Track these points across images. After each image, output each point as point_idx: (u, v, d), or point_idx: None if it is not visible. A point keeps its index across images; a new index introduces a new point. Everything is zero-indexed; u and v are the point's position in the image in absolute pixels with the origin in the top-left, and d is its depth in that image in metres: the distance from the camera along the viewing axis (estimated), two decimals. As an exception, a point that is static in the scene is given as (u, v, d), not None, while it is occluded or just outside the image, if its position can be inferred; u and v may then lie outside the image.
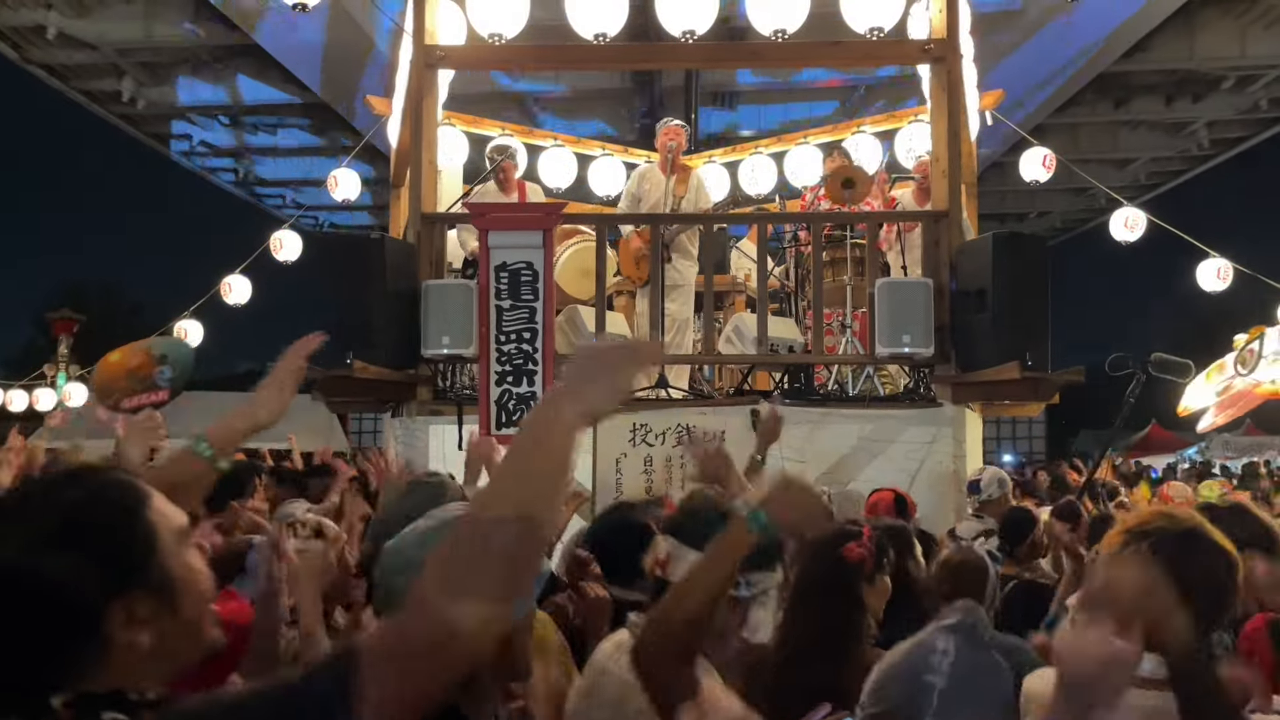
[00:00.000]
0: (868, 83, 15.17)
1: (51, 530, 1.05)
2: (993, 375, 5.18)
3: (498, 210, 5.99)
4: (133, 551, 1.08)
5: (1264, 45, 14.67)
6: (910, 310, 5.43)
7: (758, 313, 5.93)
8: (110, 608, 1.05)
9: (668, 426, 5.66)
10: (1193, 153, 18.64)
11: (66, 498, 1.08)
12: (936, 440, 5.49)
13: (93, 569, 1.04)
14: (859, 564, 2.27)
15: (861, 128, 8.19)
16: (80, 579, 1.03)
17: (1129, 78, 16.06)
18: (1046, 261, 5.58)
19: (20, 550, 1.03)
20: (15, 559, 1.03)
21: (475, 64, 7.27)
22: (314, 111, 16.66)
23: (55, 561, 1.03)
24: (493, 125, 8.10)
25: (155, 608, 1.08)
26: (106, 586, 1.04)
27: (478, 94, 14.57)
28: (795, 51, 6.71)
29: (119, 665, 1.06)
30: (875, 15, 5.68)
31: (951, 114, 5.79)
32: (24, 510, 1.08)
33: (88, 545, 1.05)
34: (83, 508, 1.08)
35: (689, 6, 5.78)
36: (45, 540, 1.04)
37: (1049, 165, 8.18)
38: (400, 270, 5.73)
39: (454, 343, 5.59)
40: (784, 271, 7.16)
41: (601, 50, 6.11)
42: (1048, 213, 21.50)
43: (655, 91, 15.21)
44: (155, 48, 14.88)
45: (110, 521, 1.08)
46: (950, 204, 5.75)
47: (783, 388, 6.12)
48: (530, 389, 5.64)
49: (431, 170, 6.08)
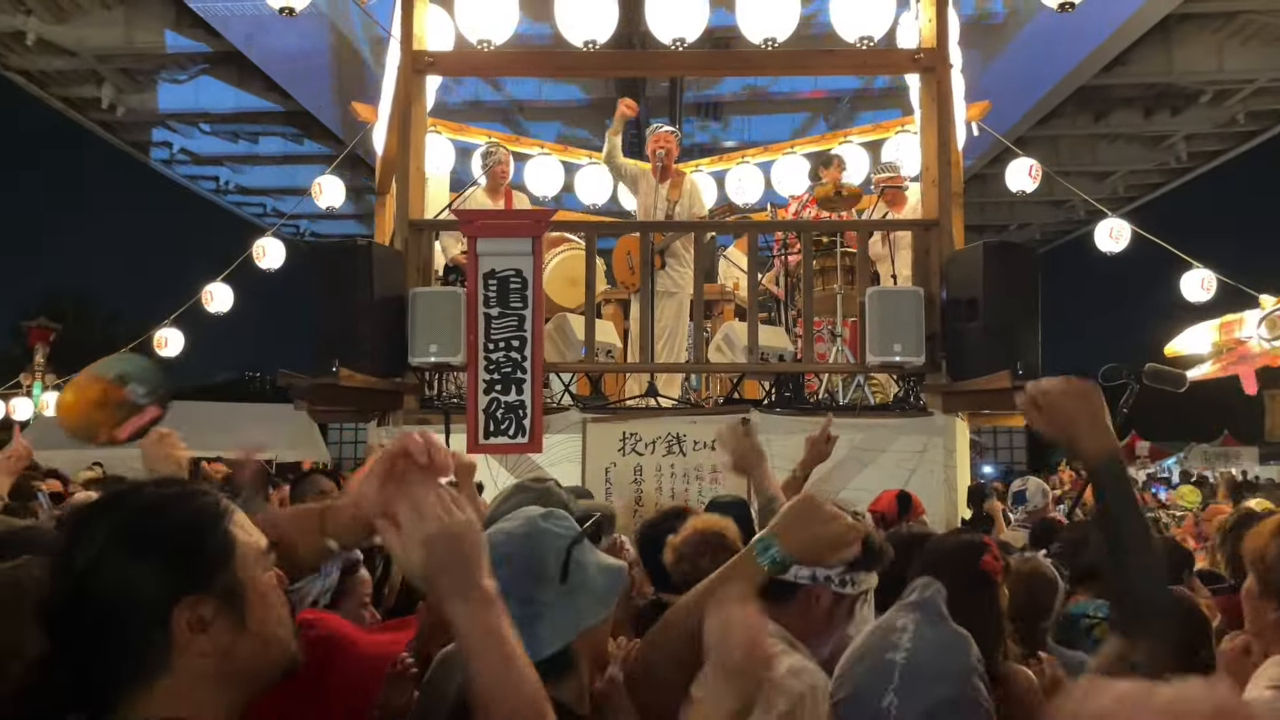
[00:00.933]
0: (852, 94, 15.25)
1: (131, 526, 1.09)
2: (984, 384, 5.17)
3: (487, 218, 5.94)
4: (206, 555, 1.11)
5: (1240, 60, 14.89)
6: (901, 319, 5.41)
7: (748, 321, 5.90)
8: (178, 605, 1.07)
9: (657, 436, 5.63)
10: (1171, 165, 18.87)
11: (153, 497, 1.13)
12: (927, 449, 5.47)
13: (165, 565, 1.08)
14: (995, 576, 2.18)
15: (849, 138, 8.21)
16: (152, 573, 1.07)
17: (1109, 91, 16.26)
18: (1036, 271, 5.59)
19: (101, 543, 1.07)
20: (96, 551, 1.07)
21: (463, 70, 7.23)
22: (295, 119, 16.57)
23: (129, 555, 1.07)
24: (478, 133, 8.06)
25: (222, 614, 1.10)
26: (176, 584, 1.07)
27: (465, 103, 14.57)
28: (785, 60, 6.71)
29: (184, 676, 1.07)
30: (865, 24, 5.69)
31: (941, 123, 5.80)
32: (110, 508, 1.12)
33: (163, 543, 1.09)
34: (165, 508, 1.12)
35: (679, 14, 5.77)
36: (123, 535, 1.08)
37: (1034, 175, 8.23)
38: (387, 277, 5.66)
39: (442, 351, 5.53)
40: (773, 279, 7.15)
41: (591, 57, 6.08)
42: (1027, 224, 21.70)
43: (641, 102, 15.24)
44: (135, 54, 14.76)
45: (189, 523, 1.12)
46: (941, 213, 5.75)
47: (772, 396, 6.10)
48: (519, 397, 5.59)
49: (419, 177, 6.03)
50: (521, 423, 5.57)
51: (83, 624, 1.07)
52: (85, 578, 1.07)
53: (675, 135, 6.84)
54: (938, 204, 5.76)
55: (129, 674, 1.06)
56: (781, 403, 5.92)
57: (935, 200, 5.78)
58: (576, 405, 5.92)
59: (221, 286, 9.38)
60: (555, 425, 5.73)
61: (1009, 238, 20.70)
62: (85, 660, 1.06)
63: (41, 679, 1.08)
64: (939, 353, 5.57)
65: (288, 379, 5.45)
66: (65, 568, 1.08)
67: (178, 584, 1.07)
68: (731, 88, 15.66)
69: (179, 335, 9.77)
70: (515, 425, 5.57)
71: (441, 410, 5.73)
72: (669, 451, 5.66)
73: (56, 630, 1.08)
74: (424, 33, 6.11)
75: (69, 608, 1.07)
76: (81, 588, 1.06)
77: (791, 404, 5.94)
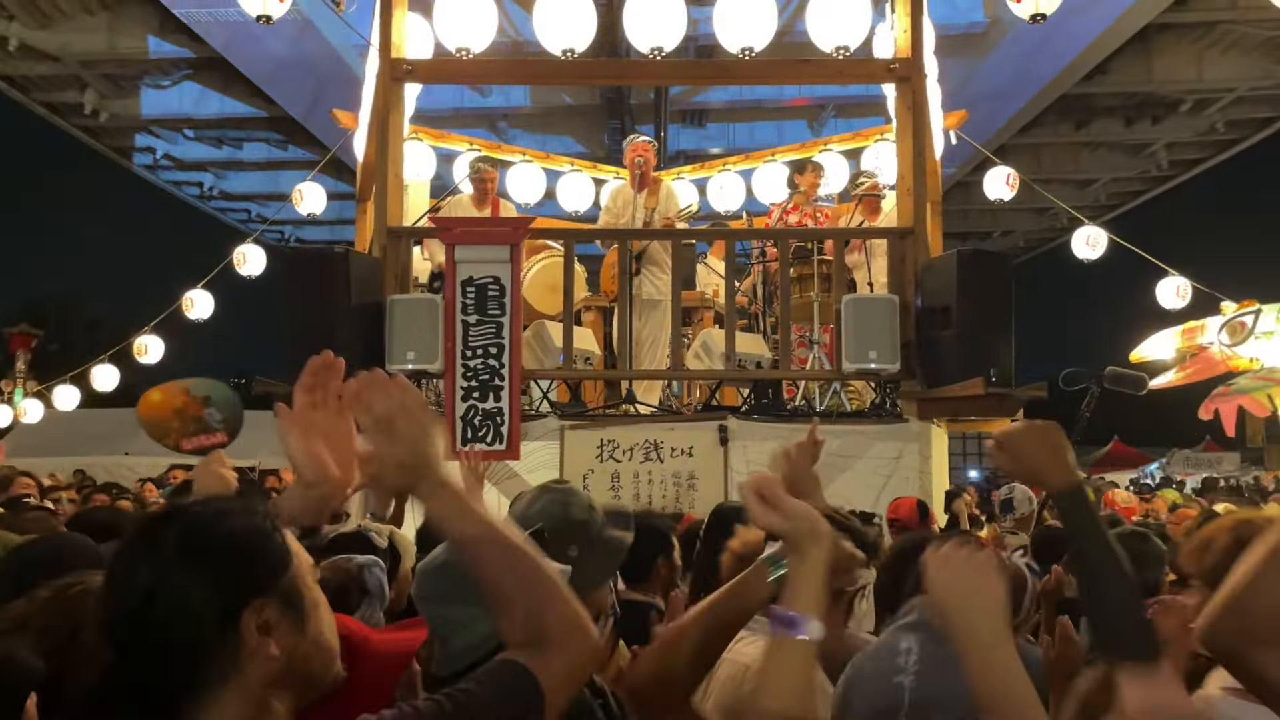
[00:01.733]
0: (839, 101, 15.33)
1: (197, 536, 1.13)
2: (957, 391, 5.22)
3: (465, 225, 5.95)
4: (270, 560, 1.16)
5: (1219, 69, 15.04)
6: (876, 326, 5.46)
7: (725, 328, 5.93)
8: (247, 609, 1.11)
9: (635, 442, 5.65)
10: (1152, 173, 19.02)
11: (211, 508, 1.18)
12: (903, 455, 5.52)
13: (233, 571, 1.12)
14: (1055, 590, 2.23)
15: (828, 146, 8.26)
16: (222, 579, 1.11)
17: (1090, 100, 16.39)
18: (1010, 278, 5.64)
19: (170, 555, 1.11)
20: (164, 563, 1.10)
21: (442, 78, 7.25)
22: (281, 125, 16.53)
23: (198, 563, 1.11)
24: (460, 140, 8.08)
25: (284, 618, 1.14)
26: (244, 589, 1.12)
27: (449, 110, 14.58)
28: (762, 69, 6.76)
29: (253, 679, 1.11)
30: (841, 34, 5.74)
31: (916, 132, 5.85)
32: (172, 521, 1.15)
33: (229, 550, 1.13)
34: (226, 517, 1.16)
35: (657, 23, 5.81)
36: (190, 545, 1.12)
37: (1012, 184, 8.31)
38: (365, 285, 5.67)
39: (419, 358, 5.54)
40: (751, 287, 7.18)
41: (569, 66, 6.12)
42: (1011, 232, 21.83)
43: (626, 109, 15.28)
44: (119, 60, 14.71)
45: (251, 530, 1.17)
46: (915, 221, 5.80)
47: (751, 403, 6.12)
48: (497, 404, 5.60)
49: (397, 184, 6.04)
50: (499, 430, 5.59)
51: (153, 634, 1.09)
52: (154, 589, 1.09)
53: (653, 145, 6.88)
54: (913, 212, 5.80)
55: (202, 679, 1.09)
56: (759, 409, 5.95)
57: (910, 208, 5.83)
58: (555, 412, 5.93)
59: (202, 293, 9.36)
60: (533, 432, 5.74)
61: (992, 245, 20.86)
62: (156, 669, 1.09)
63: (107, 692, 1.11)
64: (914, 360, 5.61)
65: (264, 386, 5.45)
66: (128, 582, 1.10)
67: (246, 588, 1.12)
68: (718, 95, 15.73)
69: (159, 342, 9.73)
70: (493, 432, 5.59)
71: (419, 417, 5.72)
72: (646, 458, 5.68)
73: (124, 643, 1.10)
74: (402, 40, 6.13)
75: (137, 620, 1.09)
76: (149, 599, 1.09)
77: (770, 411, 5.97)
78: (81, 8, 13.87)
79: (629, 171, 6.83)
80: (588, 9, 5.87)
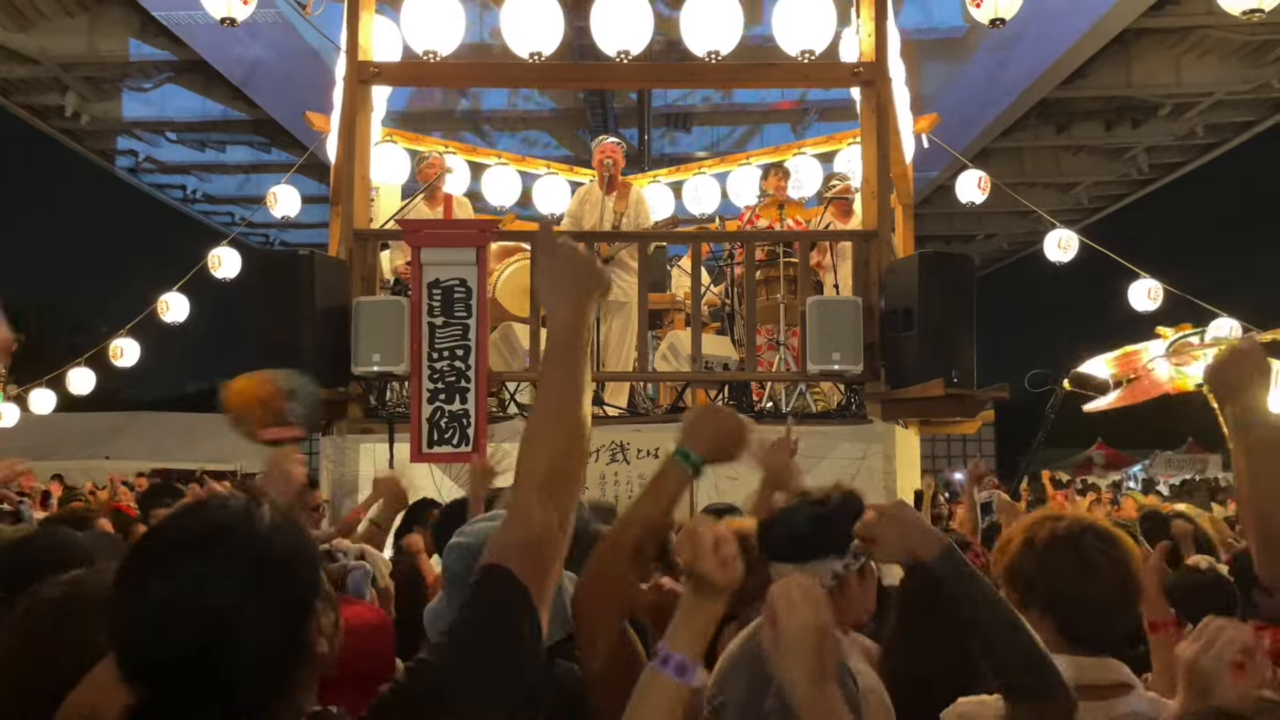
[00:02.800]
0: (821, 105, 15.38)
1: (261, 548, 1.12)
2: (919, 392, 5.25)
3: (431, 227, 5.96)
4: (317, 565, 1.20)
5: (1197, 74, 15.15)
6: (840, 328, 5.48)
7: (691, 330, 5.95)
8: (310, 614, 1.14)
9: (601, 444, 5.65)
10: (1133, 177, 19.14)
11: (260, 519, 1.16)
12: (867, 456, 5.53)
13: (301, 579, 1.15)
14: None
15: (802, 150, 8.29)
16: (294, 590, 1.13)
17: (1070, 104, 16.49)
18: (973, 281, 5.68)
19: (240, 571, 1.09)
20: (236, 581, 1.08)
21: (409, 80, 7.26)
22: (263, 128, 16.51)
23: (267, 577, 1.10)
24: (435, 143, 8.08)
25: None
26: (309, 595, 1.15)
27: (430, 112, 14.59)
28: (728, 72, 6.78)
29: (311, 680, 1.15)
30: (806, 38, 5.77)
31: (880, 136, 5.89)
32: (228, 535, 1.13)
33: (292, 561, 1.15)
34: (274, 528, 1.16)
35: (624, 27, 5.84)
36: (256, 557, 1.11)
37: (984, 187, 8.35)
38: (331, 288, 5.67)
39: (385, 360, 5.54)
40: (723, 290, 7.20)
41: (536, 69, 6.13)
42: (994, 235, 21.92)
43: (610, 112, 15.31)
44: (99, 62, 14.67)
45: (299, 539, 1.19)
46: (880, 224, 5.83)
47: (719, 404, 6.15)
48: (463, 407, 5.60)
49: (364, 186, 6.05)
50: (465, 432, 5.59)
51: (234, 654, 1.06)
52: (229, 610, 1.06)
53: (621, 147, 6.89)
54: (877, 214, 5.83)
55: (279, 689, 1.11)
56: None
57: (875, 211, 5.86)
58: (522, 414, 5.94)
59: (177, 296, 9.33)
60: (500, 434, 5.75)
61: (975, 248, 20.95)
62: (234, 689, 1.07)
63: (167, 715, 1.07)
64: (878, 361, 5.64)
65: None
66: (192, 606, 1.05)
67: (311, 594, 1.15)
68: (702, 99, 15.77)
69: (134, 345, 9.70)
70: (459, 434, 5.59)
71: (386, 420, 5.73)
72: (612, 460, 5.69)
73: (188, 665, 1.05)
74: (369, 43, 6.14)
75: (212, 642, 1.05)
76: (224, 621, 1.05)
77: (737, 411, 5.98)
78: (61, 10, 13.84)
79: (597, 173, 6.84)
80: (555, 12, 5.89)
